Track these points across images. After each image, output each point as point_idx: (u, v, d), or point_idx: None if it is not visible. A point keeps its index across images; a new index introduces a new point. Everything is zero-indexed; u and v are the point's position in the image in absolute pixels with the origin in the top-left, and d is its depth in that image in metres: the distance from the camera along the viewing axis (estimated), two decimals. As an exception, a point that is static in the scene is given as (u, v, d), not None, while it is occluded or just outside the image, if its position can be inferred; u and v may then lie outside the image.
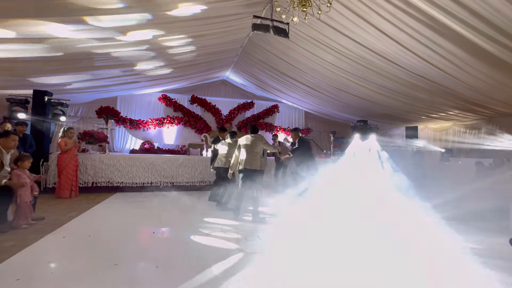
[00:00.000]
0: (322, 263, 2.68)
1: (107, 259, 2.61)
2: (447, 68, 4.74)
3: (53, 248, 2.88)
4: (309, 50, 5.68)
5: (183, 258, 2.72)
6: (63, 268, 2.44)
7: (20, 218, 3.42)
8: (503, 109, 6.36)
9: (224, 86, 10.65)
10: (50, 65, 5.15)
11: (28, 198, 3.54)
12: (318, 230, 3.74)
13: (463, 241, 3.44)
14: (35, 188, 3.72)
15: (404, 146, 9.44)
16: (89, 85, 7.06)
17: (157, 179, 6.58)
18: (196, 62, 6.98)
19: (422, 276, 2.48)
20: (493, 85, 4.96)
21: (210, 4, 4.11)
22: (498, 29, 3.43)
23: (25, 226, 3.43)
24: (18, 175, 3.49)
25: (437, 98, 6.28)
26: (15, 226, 3.37)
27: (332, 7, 3.47)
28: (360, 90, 6.85)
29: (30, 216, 3.55)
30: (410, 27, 3.93)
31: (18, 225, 3.39)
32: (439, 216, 4.41)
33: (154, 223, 3.89)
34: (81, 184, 5.96)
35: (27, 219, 3.49)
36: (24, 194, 3.48)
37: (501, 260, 2.87)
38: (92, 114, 8.19)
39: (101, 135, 6.61)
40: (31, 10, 3.33)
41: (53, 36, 4.00)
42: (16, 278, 2.19)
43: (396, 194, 5.56)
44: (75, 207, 4.57)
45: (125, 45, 4.87)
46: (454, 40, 3.90)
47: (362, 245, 3.19)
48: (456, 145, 8.20)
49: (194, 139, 9.27)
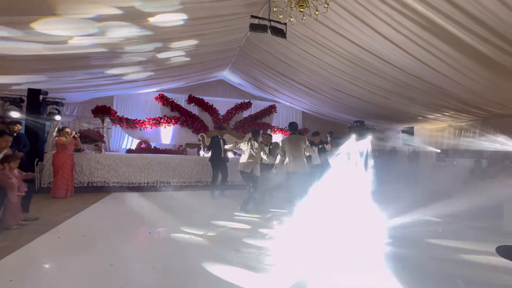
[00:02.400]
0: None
1: (102, 259, 2.58)
2: (443, 69, 4.78)
3: (47, 249, 2.85)
4: (306, 51, 5.69)
5: (179, 258, 2.71)
6: (57, 269, 2.42)
7: (8, 219, 3.36)
8: (497, 110, 6.43)
9: (222, 86, 10.62)
10: (45, 64, 5.09)
11: (14, 199, 3.46)
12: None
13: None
14: (22, 188, 3.62)
15: (400, 146, 9.53)
16: (85, 84, 6.99)
17: (154, 179, 6.55)
18: (194, 61, 6.96)
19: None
20: (488, 86, 5.01)
21: (208, 4, 4.10)
22: (492, 31, 3.47)
23: (16, 227, 3.38)
24: (5, 175, 3.43)
25: (432, 99, 6.34)
26: (5, 227, 3.31)
27: (329, 8, 3.48)
28: (357, 90, 6.88)
29: (19, 216, 3.49)
30: (406, 29, 3.96)
31: (8, 226, 3.33)
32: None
33: (151, 223, 3.87)
34: (77, 184, 5.90)
35: (16, 219, 3.43)
36: (10, 195, 3.42)
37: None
38: (88, 113, 8.11)
39: (97, 135, 6.56)
40: (26, 7, 3.28)
41: (49, 34, 3.96)
42: (9, 279, 2.17)
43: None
44: (70, 207, 4.53)
45: (122, 43, 4.83)
46: (450, 41, 3.93)
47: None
48: (451, 146, 8.29)
49: (191, 139, 9.24)
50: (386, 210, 4.49)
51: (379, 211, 4.60)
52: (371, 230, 3.77)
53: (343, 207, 4.76)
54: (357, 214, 4.49)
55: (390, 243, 3.29)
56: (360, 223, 4.05)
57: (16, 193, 3.49)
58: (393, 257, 2.89)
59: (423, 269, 2.65)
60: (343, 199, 5.14)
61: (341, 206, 4.76)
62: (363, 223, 4.04)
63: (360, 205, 5.08)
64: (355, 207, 4.93)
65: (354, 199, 5.41)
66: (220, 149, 6.13)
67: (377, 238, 3.47)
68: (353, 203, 5.21)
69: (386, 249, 3.13)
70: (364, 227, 3.87)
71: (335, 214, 4.33)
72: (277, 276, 2.41)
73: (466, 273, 2.58)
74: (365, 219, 4.26)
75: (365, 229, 3.81)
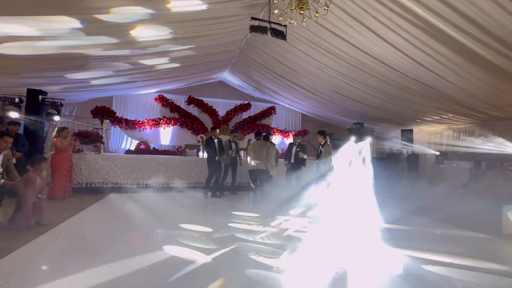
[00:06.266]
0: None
1: (100, 261, 2.57)
2: (442, 72, 4.80)
3: (45, 250, 2.83)
4: (306, 53, 5.71)
5: (178, 260, 2.69)
6: (55, 271, 2.40)
7: (20, 220, 3.30)
8: (496, 113, 6.46)
9: (221, 87, 10.63)
10: (44, 63, 5.09)
11: (32, 200, 3.41)
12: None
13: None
14: (44, 191, 3.63)
15: (399, 149, 9.55)
16: (84, 85, 6.99)
17: (153, 180, 6.52)
18: (193, 62, 6.96)
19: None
20: (487, 89, 5.04)
21: (208, 5, 4.11)
22: (491, 35, 3.49)
23: (25, 227, 3.32)
24: (36, 177, 3.46)
25: (431, 102, 6.36)
26: (16, 228, 3.25)
27: (329, 10, 3.50)
28: (356, 93, 6.89)
29: (33, 218, 3.41)
30: (406, 31, 3.98)
31: (20, 227, 3.27)
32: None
33: (148, 224, 3.86)
34: (75, 185, 5.87)
35: (29, 221, 3.36)
36: (29, 195, 3.37)
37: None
38: (87, 114, 8.09)
39: (95, 135, 6.54)
40: (26, 6, 3.28)
41: (51, 34, 3.96)
42: (6, 281, 2.15)
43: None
44: (68, 208, 4.50)
45: (121, 44, 4.83)
46: (449, 45, 3.95)
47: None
48: (450, 148, 8.31)
49: (190, 140, 9.22)
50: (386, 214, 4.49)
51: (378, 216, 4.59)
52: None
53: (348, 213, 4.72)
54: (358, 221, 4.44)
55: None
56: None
57: (35, 194, 3.45)
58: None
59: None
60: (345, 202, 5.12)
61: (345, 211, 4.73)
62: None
63: (360, 210, 5.03)
64: (357, 211, 4.89)
65: (354, 201, 5.39)
66: (214, 150, 6.08)
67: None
68: (354, 207, 5.17)
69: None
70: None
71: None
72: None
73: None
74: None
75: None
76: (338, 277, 2.47)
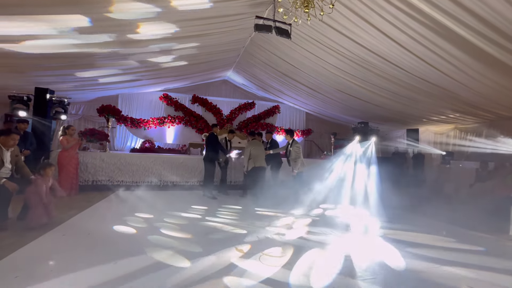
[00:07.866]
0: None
1: (106, 257, 2.60)
2: (449, 71, 4.72)
3: (52, 246, 2.88)
4: (311, 51, 5.68)
5: (185, 255, 2.71)
6: (62, 266, 2.44)
7: (33, 219, 3.35)
8: (505, 113, 6.34)
9: (226, 86, 10.65)
10: (52, 62, 5.16)
11: (44, 200, 3.46)
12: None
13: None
14: (58, 192, 3.72)
15: (404, 148, 9.45)
16: (92, 83, 7.07)
17: (157, 178, 6.57)
18: (198, 61, 6.99)
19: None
20: (496, 89, 4.94)
21: (213, 4, 4.12)
22: (501, 33, 3.42)
23: (37, 226, 3.35)
24: (43, 183, 3.52)
25: (438, 101, 6.27)
26: (29, 227, 3.30)
27: (334, 9, 3.47)
28: (361, 92, 6.84)
29: (45, 217, 3.45)
30: (412, 29, 3.92)
31: (32, 226, 3.30)
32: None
33: (154, 221, 3.89)
34: (81, 183, 5.95)
35: (41, 220, 3.39)
36: (41, 195, 3.43)
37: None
38: (93, 113, 8.19)
39: (102, 134, 6.62)
40: (36, 6, 3.33)
41: (57, 34, 4.01)
42: (15, 276, 2.20)
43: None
44: (75, 205, 4.57)
45: (128, 42, 4.88)
46: (457, 43, 3.89)
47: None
48: (457, 148, 8.20)
49: (194, 138, 9.27)
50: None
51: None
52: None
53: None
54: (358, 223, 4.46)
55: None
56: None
57: (46, 196, 3.49)
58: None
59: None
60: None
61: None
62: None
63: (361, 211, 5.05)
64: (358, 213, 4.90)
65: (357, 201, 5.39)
66: (214, 148, 5.97)
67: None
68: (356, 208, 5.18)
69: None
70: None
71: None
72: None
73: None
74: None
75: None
76: (342, 277, 2.47)
